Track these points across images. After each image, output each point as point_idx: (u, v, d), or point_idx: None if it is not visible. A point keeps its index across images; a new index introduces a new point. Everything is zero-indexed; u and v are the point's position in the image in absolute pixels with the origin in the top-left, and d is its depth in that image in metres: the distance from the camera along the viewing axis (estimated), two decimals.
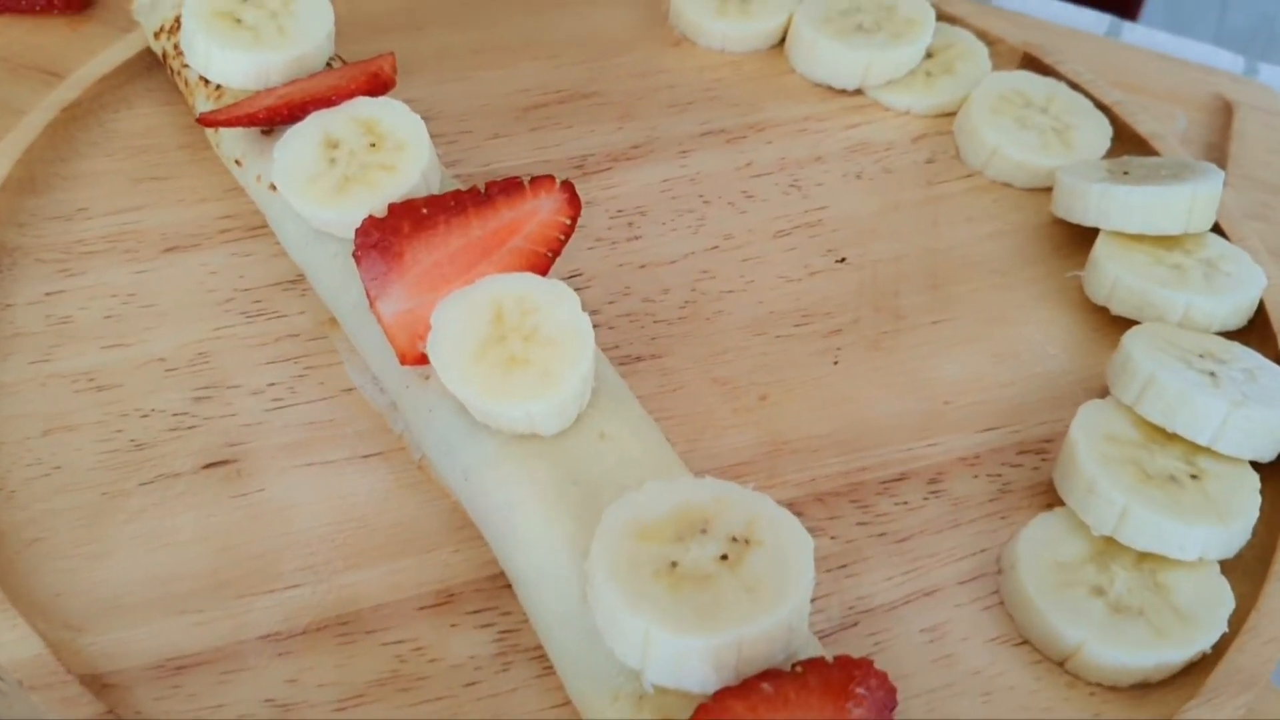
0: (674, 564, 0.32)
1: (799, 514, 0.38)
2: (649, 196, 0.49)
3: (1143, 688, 0.36)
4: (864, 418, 0.42)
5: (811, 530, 0.38)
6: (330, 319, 0.43)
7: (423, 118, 0.47)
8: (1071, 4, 0.68)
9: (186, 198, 0.47)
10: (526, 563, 0.35)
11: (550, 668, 0.34)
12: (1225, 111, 0.59)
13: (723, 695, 0.30)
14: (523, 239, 0.39)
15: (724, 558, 0.32)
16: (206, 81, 0.46)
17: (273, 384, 0.41)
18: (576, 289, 0.44)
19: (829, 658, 0.31)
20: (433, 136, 0.50)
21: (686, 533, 0.32)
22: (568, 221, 0.40)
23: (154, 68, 0.50)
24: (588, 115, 0.52)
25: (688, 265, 0.47)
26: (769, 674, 0.30)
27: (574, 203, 0.40)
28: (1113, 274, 0.44)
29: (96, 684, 0.33)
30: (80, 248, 0.45)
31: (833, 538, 0.39)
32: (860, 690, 0.30)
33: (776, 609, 0.31)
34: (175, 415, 0.40)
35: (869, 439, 0.41)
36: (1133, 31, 0.69)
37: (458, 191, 0.39)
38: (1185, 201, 0.45)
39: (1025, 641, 0.37)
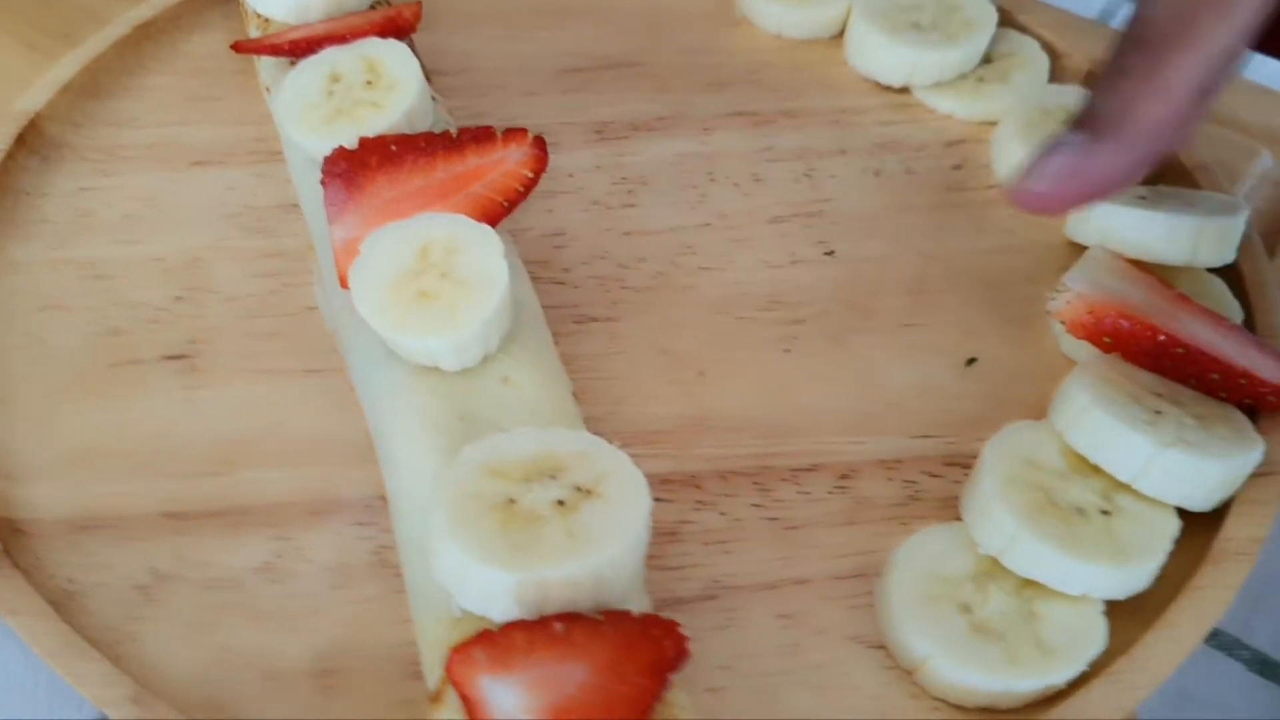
0: (511, 501, 0.33)
1: (697, 487, 0.40)
2: (658, 168, 0.50)
3: (989, 712, 0.35)
4: (797, 407, 0.42)
5: (703, 504, 0.39)
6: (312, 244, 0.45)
7: (461, 69, 0.49)
8: None
9: (227, 118, 0.50)
10: (396, 486, 0.37)
11: None
12: None
13: (510, 627, 0.31)
14: (483, 186, 0.41)
15: (560, 503, 0.33)
16: (259, 14, 0.50)
17: (249, 295, 0.44)
18: (556, 247, 0.46)
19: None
20: (465, 88, 0.52)
21: (535, 476, 0.34)
22: (530, 174, 0.41)
23: None
24: (624, 84, 0.54)
25: (672, 238, 0.47)
26: (568, 616, 0.31)
27: (540, 158, 0.41)
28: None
29: (8, 528, 0.37)
30: (122, 152, 0.49)
31: (722, 513, 0.39)
32: (653, 645, 0.31)
33: (587, 557, 0.32)
34: (156, 309, 0.44)
35: (794, 428, 0.41)
36: (1262, 64, 0.65)
37: (430, 134, 0.42)
38: (1189, 232, 0.43)
39: (884, 646, 0.36)
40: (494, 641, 0.30)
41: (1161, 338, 0.39)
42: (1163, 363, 0.40)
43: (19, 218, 0.46)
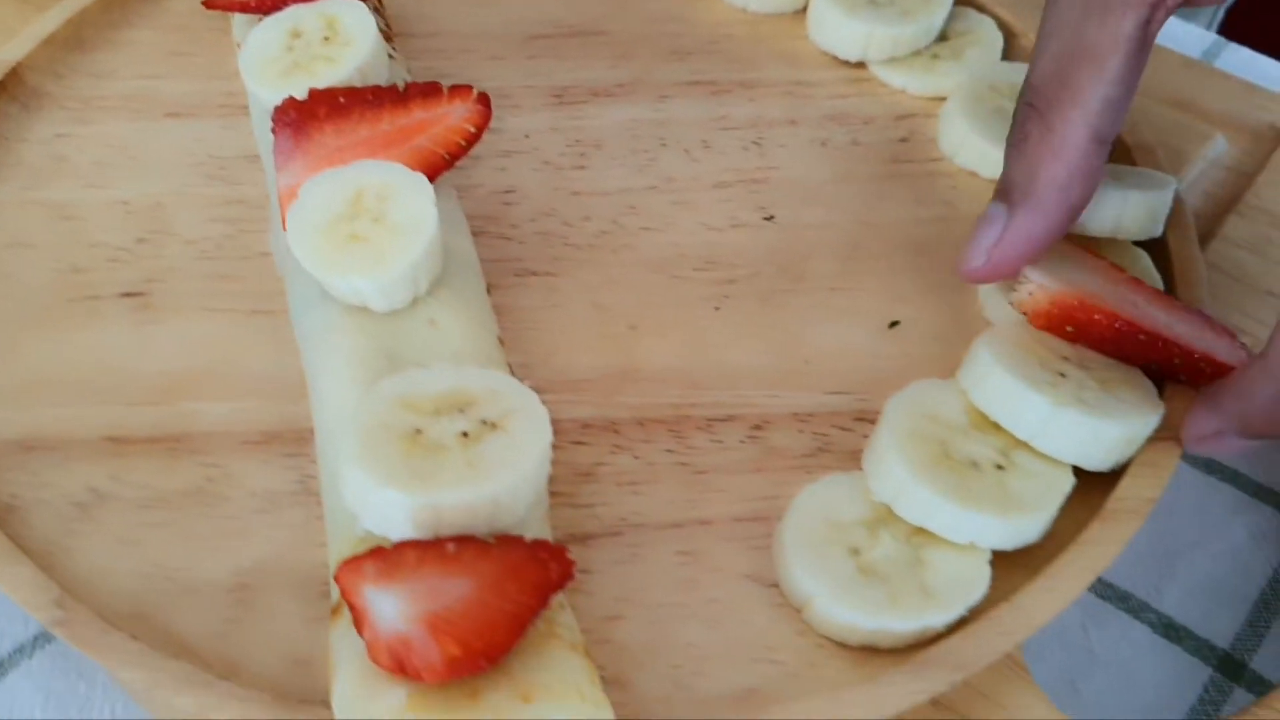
0: (418, 432, 0.35)
1: (616, 433, 0.41)
2: (611, 132, 0.52)
3: (871, 650, 0.36)
4: (720, 362, 0.44)
5: (619, 448, 0.41)
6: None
7: (431, 32, 0.51)
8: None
9: (202, 73, 0.53)
10: (322, 419, 0.39)
11: None
12: (1273, 140, 0.56)
13: (403, 544, 0.33)
14: (426, 139, 0.43)
15: (465, 435, 0.35)
16: None
17: (206, 238, 0.46)
18: (505, 203, 0.48)
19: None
20: (434, 50, 0.54)
21: (445, 410, 0.35)
22: (472, 130, 0.43)
23: None
24: (588, 51, 0.55)
25: (618, 200, 0.49)
26: (462, 538, 0.33)
27: (484, 114, 0.43)
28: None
29: None
30: (100, 102, 0.51)
31: (636, 457, 0.41)
32: (539, 566, 0.33)
33: (484, 485, 0.33)
34: (117, 249, 0.46)
35: (715, 381, 0.43)
36: (1236, 53, 0.66)
37: (378, 87, 0.44)
38: (1114, 205, 0.44)
39: (776, 585, 0.38)
40: (384, 556, 0.32)
41: (1119, 325, 0.40)
42: (1125, 349, 0.40)
43: None
